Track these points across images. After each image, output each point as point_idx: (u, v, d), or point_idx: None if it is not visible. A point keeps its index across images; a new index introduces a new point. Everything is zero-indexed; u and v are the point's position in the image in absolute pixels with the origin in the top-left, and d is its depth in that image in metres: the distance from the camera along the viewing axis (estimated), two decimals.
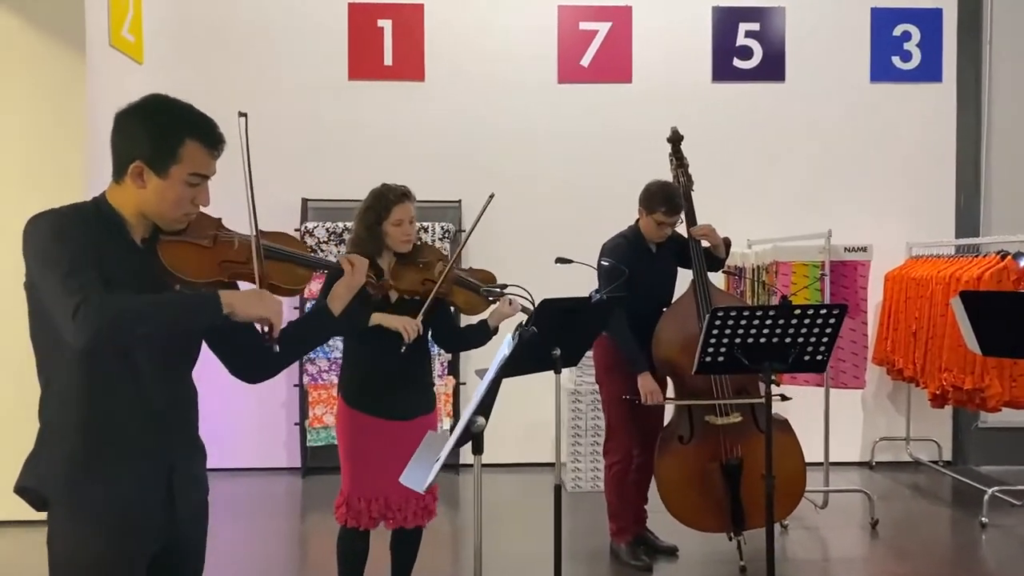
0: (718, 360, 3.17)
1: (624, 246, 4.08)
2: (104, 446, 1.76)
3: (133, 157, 1.77)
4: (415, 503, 3.10)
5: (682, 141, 4.20)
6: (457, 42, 6.06)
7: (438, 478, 5.35)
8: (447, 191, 5.99)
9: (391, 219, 3.07)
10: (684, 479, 3.89)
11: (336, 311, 2.07)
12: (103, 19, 5.00)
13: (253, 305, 1.79)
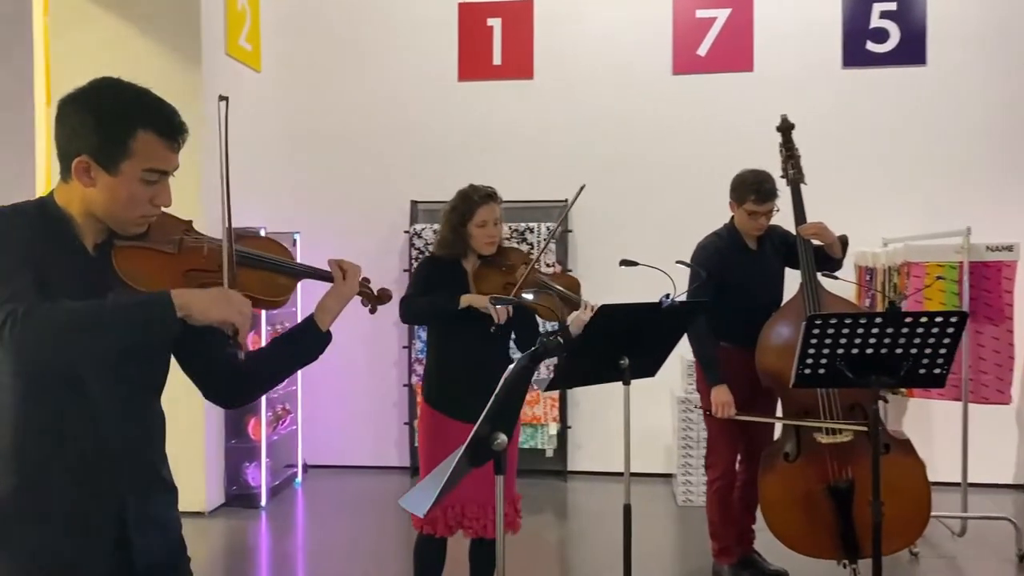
0: (818, 373, 2.87)
1: (716, 244, 3.80)
2: (40, 483, 1.52)
3: (78, 151, 1.52)
4: (494, 513, 2.99)
5: (793, 130, 3.87)
6: (566, 37, 5.90)
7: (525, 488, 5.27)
8: (555, 191, 5.85)
9: (475, 220, 3.02)
10: (789, 499, 3.57)
11: (324, 325, 1.76)
12: (219, 29, 5.18)
13: (214, 305, 1.49)
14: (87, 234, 1.59)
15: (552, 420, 5.70)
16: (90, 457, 1.55)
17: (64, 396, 1.53)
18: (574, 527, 5.11)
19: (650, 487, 5.62)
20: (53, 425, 1.53)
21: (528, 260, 3.12)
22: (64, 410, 1.53)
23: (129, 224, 1.59)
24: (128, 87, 1.61)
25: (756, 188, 3.67)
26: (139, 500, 1.62)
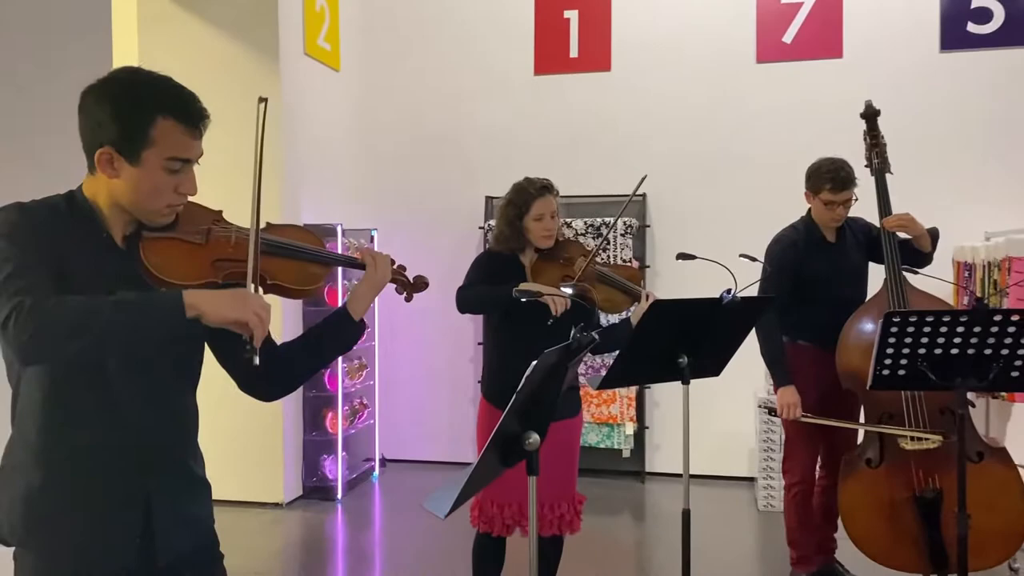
0: (898, 374, 2.68)
1: (791, 237, 3.62)
2: (65, 477, 1.52)
3: (100, 142, 1.49)
4: (552, 512, 2.93)
5: (878, 116, 3.64)
6: (645, 27, 5.76)
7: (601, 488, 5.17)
8: (632, 184, 5.70)
9: (532, 214, 2.94)
10: (870, 508, 3.36)
11: (357, 314, 1.72)
12: (298, 30, 5.26)
13: (226, 306, 1.43)
14: (115, 226, 1.57)
15: (629, 420, 5.58)
16: (114, 451, 1.54)
17: (88, 390, 1.51)
18: (649, 529, 4.98)
19: (731, 491, 5.45)
20: (77, 419, 1.51)
21: (587, 252, 3.03)
22: (88, 404, 1.52)
23: (155, 214, 1.56)
24: (146, 75, 1.57)
25: (832, 176, 3.47)
26: (164, 495, 1.60)
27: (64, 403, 1.51)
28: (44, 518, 1.51)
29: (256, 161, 1.60)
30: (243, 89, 5.04)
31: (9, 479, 1.53)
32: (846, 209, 3.53)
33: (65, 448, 1.51)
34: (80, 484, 1.52)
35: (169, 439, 1.62)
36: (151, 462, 1.58)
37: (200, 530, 1.71)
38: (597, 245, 3.09)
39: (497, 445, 1.55)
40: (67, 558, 1.53)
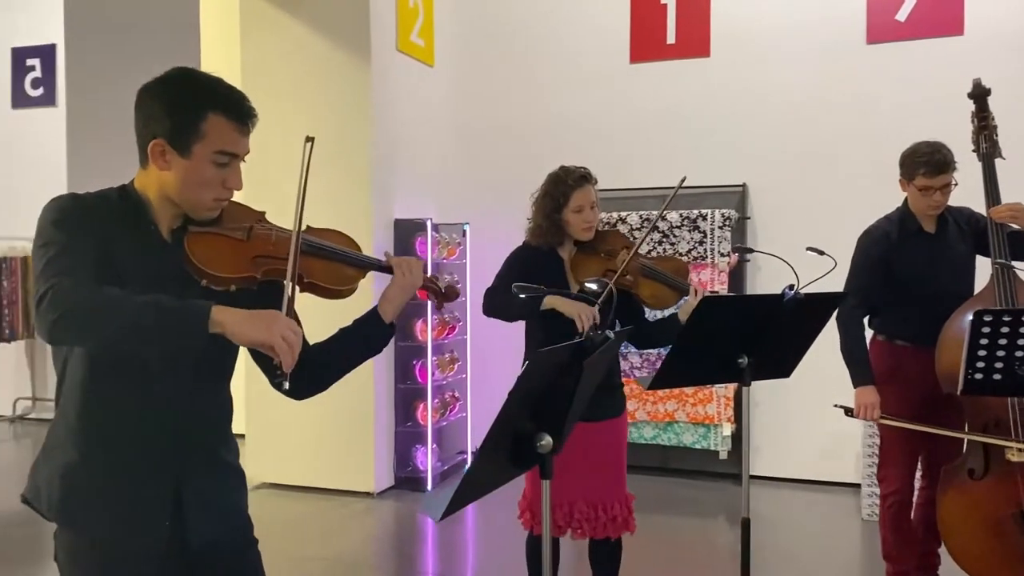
0: (992, 378, 2.45)
1: (884, 228, 3.36)
2: (100, 463, 1.59)
3: (153, 134, 1.57)
4: (605, 514, 2.83)
5: (988, 96, 3.33)
6: (746, 10, 5.51)
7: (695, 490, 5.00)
8: (731, 175, 5.50)
9: (571, 206, 2.81)
10: (971, 523, 3.09)
11: (387, 316, 1.77)
12: (390, 26, 5.33)
13: (252, 328, 1.43)
14: (162, 219, 1.64)
15: (727, 421, 5.38)
16: (148, 436, 1.60)
17: (125, 377, 1.58)
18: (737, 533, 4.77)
19: (835, 497, 5.16)
20: (113, 403, 1.58)
21: (630, 245, 2.87)
22: (126, 389, 1.58)
23: (202, 207, 1.62)
24: (200, 75, 1.64)
25: (927, 159, 3.19)
26: (196, 481, 1.65)
27: (102, 388, 1.57)
28: (79, 495, 1.58)
29: (300, 191, 1.64)
30: (337, 86, 5.17)
31: (51, 456, 1.62)
32: (944, 195, 3.25)
33: (100, 430, 1.58)
34: (113, 465, 1.59)
35: (200, 428, 1.68)
36: (182, 449, 1.64)
37: (232, 515, 1.75)
38: (642, 237, 2.88)
39: (504, 446, 1.48)
40: (100, 537, 1.59)
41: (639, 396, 5.50)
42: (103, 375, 1.57)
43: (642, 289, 2.78)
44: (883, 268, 3.27)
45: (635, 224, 5.51)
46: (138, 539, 1.60)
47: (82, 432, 1.58)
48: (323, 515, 4.88)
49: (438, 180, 5.88)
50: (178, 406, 1.62)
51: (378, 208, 5.18)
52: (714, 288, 5.31)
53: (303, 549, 4.34)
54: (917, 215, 3.31)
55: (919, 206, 3.28)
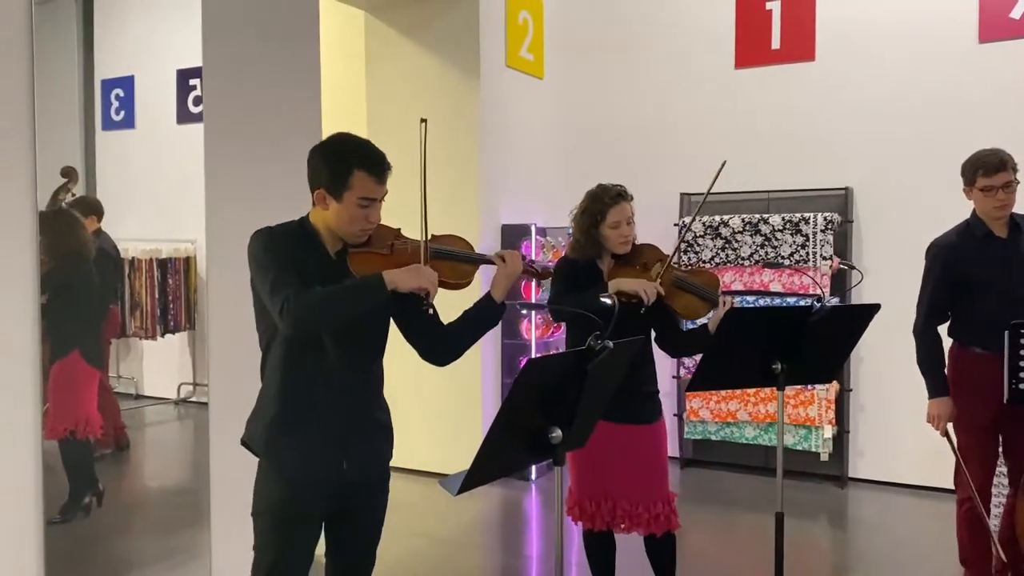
0: None
1: (949, 237, 3.42)
2: (294, 416, 2.17)
3: (318, 185, 2.14)
4: (648, 512, 3.03)
5: None
6: (852, 12, 5.49)
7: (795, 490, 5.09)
8: (835, 178, 5.51)
9: (607, 222, 3.00)
10: None
11: (497, 298, 2.29)
12: (499, 44, 5.68)
13: (411, 278, 2.07)
14: (329, 244, 2.22)
15: (828, 423, 5.40)
16: (326, 399, 2.18)
17: (312, 354, 2.16)
18: (845, 536, 4.83)
19: (940, 504, 5.09)
20: (304, 373, 2.17)
21: (664, 258, 3.04)
22: (311, 363, 2.16)
23: (352, 236, 2.19)
24: (350, 139, 2.19)
25: (983, 160, 3.28)
26: (356, 430, 2.23)
27: (295, 363, 2.17)
28: (278, 440, 2.19)
29: (422, 180, 2.20)
30: (451, 102, 5.58)
31: (260, 412, 2.24)
32: (1007, 194, 3.25)
33: (294, 394, 2.18)
34: (302, 419, 2.18)
35: (361, 393, 2.26)
36: (349, 408, 2.22)
37: (379, 459, 2.33)
38: (674, 250, 3.03)
39: (517, 437, 1.78)
40: (292, 467, 2.19)
41: (740, 397, 5.61)
42: (296, 355, 2.16)
43: (675, 300, 2.95)
44: (950, 276, 3.31)
45: (737, 227, 5.62)
46: (316, 470, 2.19)
47: (280, 394, 2.18)
48: (436, 499, 5.30)
49: (545, 186, 6.18)
50: (345, 377, 2.19)
51: (485, 214, 5.55)
52: (816, 291, 5.35)
53: (412, 526, 4.78)
54: (986, 220, 3.33)
55: (985, 209, 3.30)
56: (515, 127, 5.88)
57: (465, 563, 4.29)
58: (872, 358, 5.51)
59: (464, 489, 1.71)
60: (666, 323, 3.09)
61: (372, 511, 2.34)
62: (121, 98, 9.41)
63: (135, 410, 8.22)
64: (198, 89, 9.36)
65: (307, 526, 2.22)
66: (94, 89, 8.14)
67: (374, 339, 2.29)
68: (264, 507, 2.21)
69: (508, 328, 5.72)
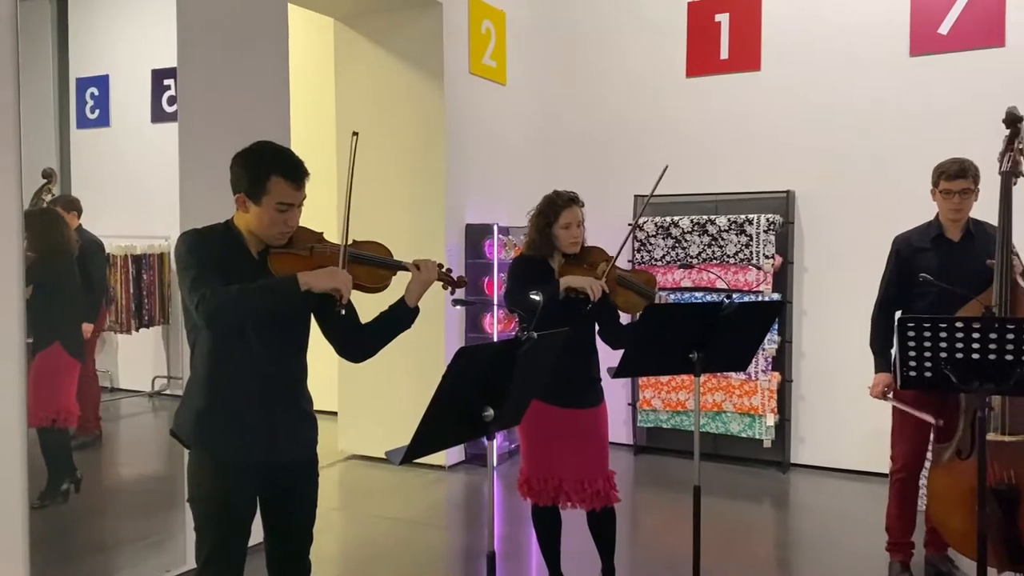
0: (924, 375, 2.84)
1: (906, 234, 3.77)
2: (220, 406, 2.31)
3: (239, 190, 2.30)
4: (590, 487, 3.32)
5: (1021, 122, 3.57)
6: (795, 24, 5.83)
7: (739, 475, 5.37)
8: (778, 181, 5.85)
9: (560, 223, 3.29)
10: (954, 498, 3.42)
11: (411, 303, 2.45)
12: (463, 52, 5.96)
13: (325, 279, 2.23)
14: (251, 245, 2.36)
15: (770, 412, 5.75)
16: (253, 389, 2.32)
17: (237, 349, 2.30)
18: (786, 518, 5.16)
19: (875, 487, 5.45)
20: (230, 364, 2.31)
21: (608, 258, 3.33)
22: (237, 357, 2.31)
23: (272, 238, 2.34)
24: (270, 147, 2.33)
25: (947, 166, 3.60)
26: (281, 419, 2.38)
27: (221, 357, 2.31)
28: (207, 428, 2.32)
29: (347, 188, 2.35)
30: (416, 107, 5.86)
31: (188, 403, 2.37)
32: (963, 201, 3.58)
33: (221, 384, 2.32)
34: (230, 408, 2.32)
35: (285, 383, 2.40)
36: (275, 398, 2.37)
37: (305, 445, 2.48)
38: (617, 251, 3.31)
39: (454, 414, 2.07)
40: (219, 454, 2.33)
41: (688, 387, 5.95)
42: (221, 347, 2.30)
43: (618, 296, 3.26)
44: (906, 270, 3.65)
45: (686, 228, 5.94)
46: (244, 457, 2.33)
47: (209, 386, 2.32)
48: (401, 484, 5.59)
49: (507, 187, 6.46)
50: (270, 368, 2.34)
51: (451, 214, 5.83)
52: (758, 289, 5.69)
53: (379, 510, 5.06)
54: (943, 222, 3.67)
55: (943, 211, 3.65)
56: (479, 131, 6.17)
57: (427, 542, 4.58)
58: (812, 351, 5.87)
59: (407, 460, 1.99)
60: (609, 317, 3.39)
61: (303, 494, 2.48)
62: (96, 97, 9.60)
63: (110, 402, 8.41)
64: (172, 89, 9.57)
65: (240, 509, 2.35)
66: (69, 88, 8.34)
67: (296, 335, 2.42)
68: (198, 494, 2.35)
69: (472, 323, 6.01)
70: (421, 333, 2.86)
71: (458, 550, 4.55)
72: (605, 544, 3.52)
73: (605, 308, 3.26)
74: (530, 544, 4.45)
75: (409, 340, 2.65)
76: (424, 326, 2.73)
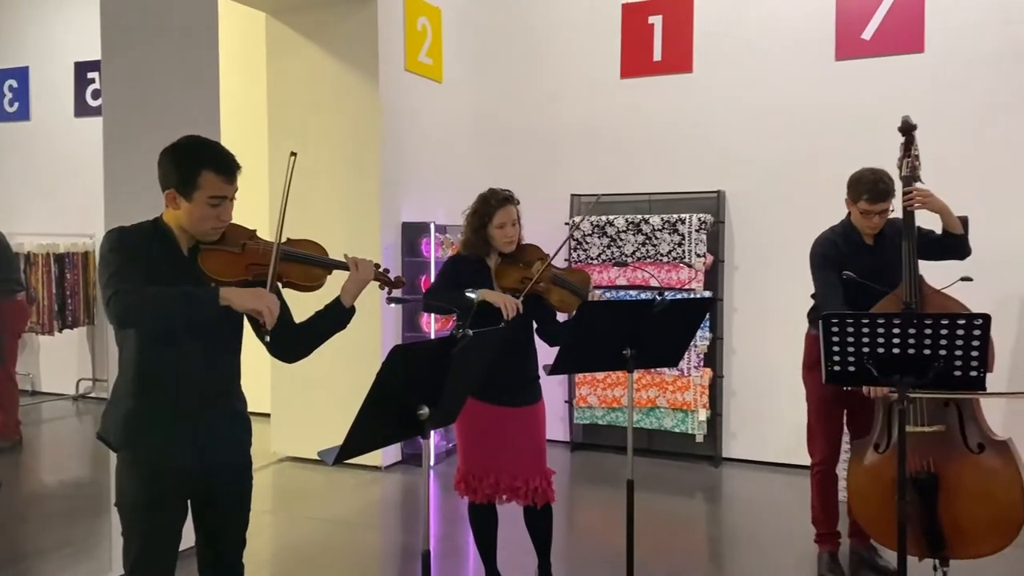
0: (848, 370, 2.94)
1: (830, 237, 3.85)
2: (149, 407, 2.24)
3: (168, 186, 2.22)
4: (527, 485, 3.34)
5: (915, 130, 3.71)
6: (726, 29, 5.96)
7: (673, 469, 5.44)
8: (709, 181, 5.97)
9: (494, 223, 3.29)
10: (874, 490, 3.54)
11: (346, 303, 2.42)
12: (398, 49, 5.93)
13: (247, 300, 2.14)
14: (182, 241, 2.29)
15: (702, 407, 5.86)
16: (182, 391, 2.26)
17: (165, 350, 2.23)
18: (719, 511, 5.27)
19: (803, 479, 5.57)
20: (158, 367, 2.24)
21: (544, 257, 3.34)
22: (165, 358, 2.24)
23: (204, 234, 2.27)
24: (199, 141, 2.27)
25: (870, 188, 3.66)
26: (213, 421, 2.33)
27: (150, 357, 2.24)
28: (135, 431, 2.26)
29: (283, 198, 2.28)
30: (351, 104, 5.80)
31: (116, 405, 2.30)
32: (882, 219, 3.71)
33: (150, 386, 2.25)
34: (158, 410, 2.25)
35: (216, 385, 2.35)
36: (204, 400, 2.30)
37: (238, 448, 2.44)
38: (556, 249, 3.31)
39: (388, 413, 2.05)
40: (149, 458, 2.26)
41: (624, 384, 6.02)
42: (150, 348, 2.23)
43: (552, 295, 3.28)
44: (832, 267, 3.72)
45: (621, 227, 6.02)
46: (174, 460, 2.27)
47: (137, 387, 2.25)
48: (336, 485, 5.53)
49: (444, 185, 6.44)
50: (201, 370, 2.29)
51: (386, 212, 5.79)
52: (691, 286, 5.80)
53: (313, 512, 5.00)
54: (859, 230, 3.78)
55: (860, 225, 3.76)
56: (415, 129, 6.13)
57: (362, 544, 4.54)
58: (742, 347, 6.00)
59: (340, 460, 1.97)
60: (545, 315, 3.41)
61: (236, 496, 2.44)
62: (15, 89, 9.23)
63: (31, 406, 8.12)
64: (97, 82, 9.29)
65: (170, 513, 2.30)
66: None
67: (228, 335, 2.36)
68: (126, 498, 2.28)
69: (409, 321, 5.98)
70: (357, 332, 2.82)
71: (394, 550, 4.52)
72: (541, 540, 3.54)
73: (541, 307, 3.27)
74: (467, 542, 4.44)
75: (345, 339, 2.61)
76: (360, 325, 2.69)
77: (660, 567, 4.11)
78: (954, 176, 5.15)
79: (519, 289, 3.23)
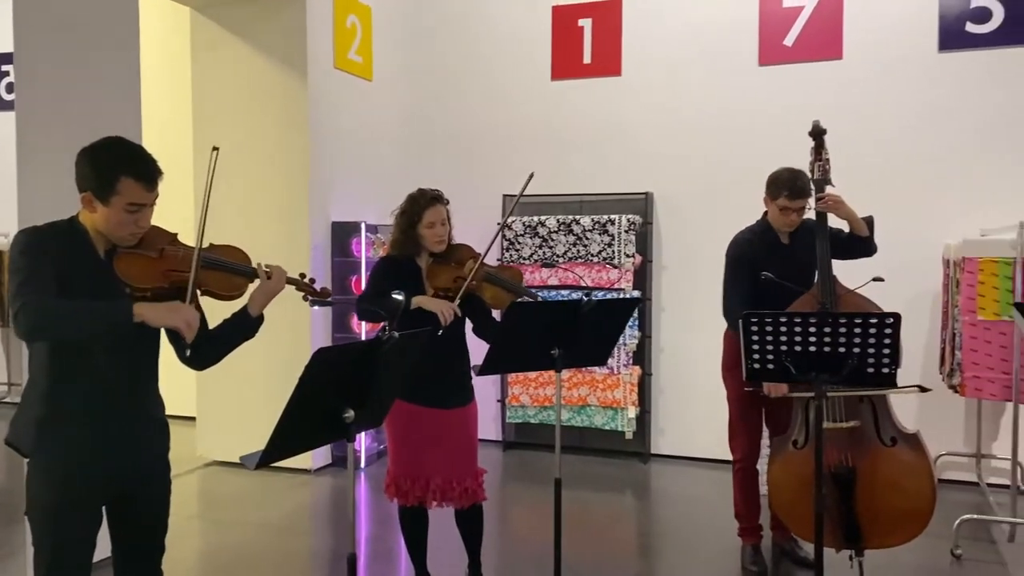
0: (767, 368, 3.02)
1: (747, 237, 3.96)
2: (60, 414, 2.17)
3: (84, 188, 2.14)
4: (458, 487, 3.34)
5: (825, 135, 3.85)
6: (653, 33, 6.07)
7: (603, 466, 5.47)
8: (638, 183, 6.07)
9: (424, 222, 3.27)
10: (793, 485, 3.66)
11: (254, 313, 2.37)
12: (327, 46, 5.86)
13: (163, 316, 2.09)
14: (99, 244, 2.21)
15: (631, 404, 5.95)
16: (95, 397, 2.20)
17: (77, 356, 2.16)
18: (648, 506, 5.35)
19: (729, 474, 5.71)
20: (70, 373, 2.18)
21: (476, 256, 3.33)
22: (77, 364, 2.17)
23: (121, 239, 2.21)
24: (120, 144, 2.19)
25: (790, 185, 3.78)
26: (127, 427, 2.26)
27: (61, 363, 2.17)
28: (47, 437, 2.18)
29: (204, 202, 2.22)
30: (279, 101, 5.71)
31: (26, 411, 2.23)
32: (799, 216, 3.83)
33: (62, 392, 2.19)
34: (71, 416, 2.19)
35: (131, 390, 2.28)
36: (120, 406, 2.25)
37: (153, 451, 2.38)
38: (487, 248, 3.31)
39: (313, 416, 2.04)
40: (62, 465, 2.19)
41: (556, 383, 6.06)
42: (61, 355, 2.17)
43: (485, 292, 3.27)
44: (749, 270, 3.81)
45: (552, 227, 6.07)
46: (88, 467, 2.20)
47: (49, 393, 2.19)
48: (264, 489, 5.44)
49: (375, 185, 6.39)
50: (115, 373, 2.22)
51: (315, 212, 5.72)
52: (619, 286, 5.88)
53: (239, 517, 4.91)
54: (776, 229, 3.89)
55: (778, 222, 3.87)
56: (345, 127, 6.07)
57: (290, 548, 4.47)
58: (670, 346, 6.12)
59: (262, 464, 1.95)
60: (481, 314, 3.40)
61: (152, 500, 2.38)
62: None
63: None
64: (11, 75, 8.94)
65: (83, 521, 2.22)
66: None
67: (144, 340, 2.28)
68: (36, 506, 2.21)
69: (339, 323, 5.92)
70: (286, 333, 2.80)
71: (323, 554, 4.47)
72: (472, 540, 3.54)
73: (476, 305, 3.27)
74: (398, 544, 4.42)
75: (273, 341, 2.57)
76: (288, 327, 2.67)
77: (589, 563, 4.16)
78: (867, 177, 5.36)
79: (453, 288, 3.22)
